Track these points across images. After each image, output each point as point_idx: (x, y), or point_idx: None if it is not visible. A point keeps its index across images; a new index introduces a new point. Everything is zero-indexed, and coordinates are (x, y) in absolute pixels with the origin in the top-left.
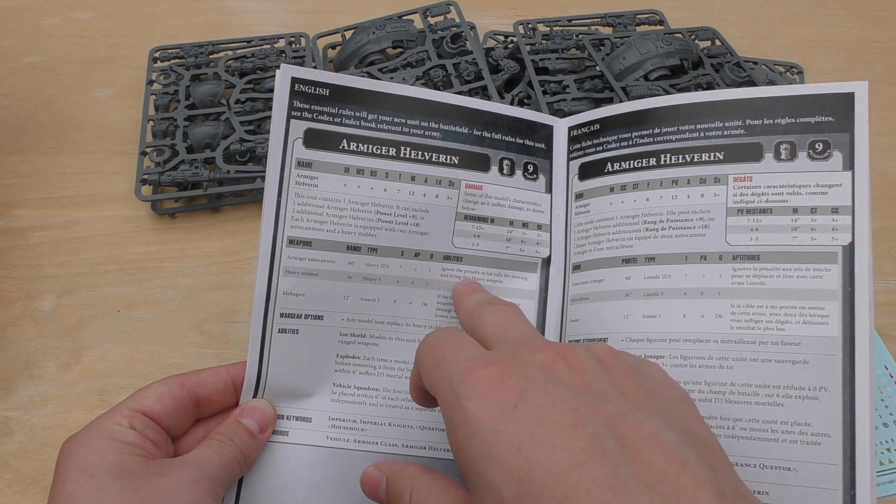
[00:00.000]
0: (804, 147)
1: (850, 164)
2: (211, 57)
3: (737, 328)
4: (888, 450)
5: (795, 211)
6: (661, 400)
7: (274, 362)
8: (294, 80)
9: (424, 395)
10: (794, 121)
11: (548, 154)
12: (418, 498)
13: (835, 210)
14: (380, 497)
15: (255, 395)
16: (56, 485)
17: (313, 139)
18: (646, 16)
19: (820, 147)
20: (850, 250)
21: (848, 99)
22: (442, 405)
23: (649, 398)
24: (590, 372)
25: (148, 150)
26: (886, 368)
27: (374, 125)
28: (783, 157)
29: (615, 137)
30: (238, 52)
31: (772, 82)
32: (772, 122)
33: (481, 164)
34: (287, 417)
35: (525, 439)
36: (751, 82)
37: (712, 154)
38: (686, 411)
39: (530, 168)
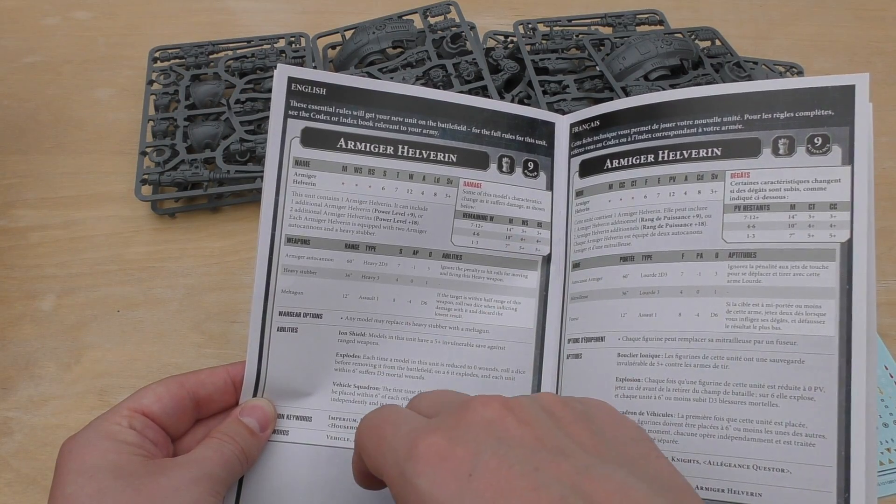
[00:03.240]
0: (803, 142)
1: (849, 159)
2: (211, 57)
3: (732, 327)
4: (888, 450)
5: (793, 207)
6: (619, 445)
7: (273, 361)
8: (291, 80)
9: (371, 479)
10: (792, 115)
11: (549, 151)
12: None
13: (833, 206)
14: None
15: (254, 395)
16: (56, 486)
17: (311, 138)
18: (646, 16)
19: (819, 141)
20: (847, 247)
21: (848, 92)
22: (391, 487)
23: (607, 446)
24: (541, 425)
25: (148, 150)
26: (886, 368)
27: (371, 124)
28: (781, 152)
29: (614, 134)
30: (238, 52)
31: None
32: (770, 116)
33: (480, 161)
34: (287, 417)
35: None
36: None
37: (710, 150)
38: (646, 451)
39: (531, 165)
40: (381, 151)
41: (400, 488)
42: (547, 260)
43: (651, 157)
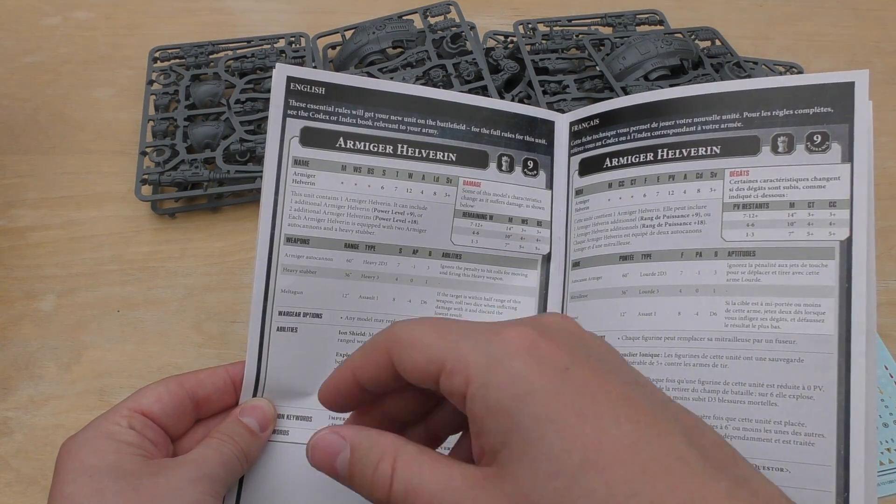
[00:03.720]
0: (802, 139)
1: (849, 157)
2: (211, 57)
3: (731, 326)
4: (888, 450)
5: (792, 205)
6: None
7: (273, 361)
8: (290, 79)
9: (357, 393)
10: (792, 112)
11: (549, 150)
12: (406, 472)
13: (832, 204)
14: (336, 469)
15: (254, 395)
16: (55, 486)
17: (310, 137)
18: (646, 16)
19: (818, 139)
20: (847, 245)
21: (848, 89)
22: (466, 372)
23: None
24: (606, 344)
25: (148, 150)
26: (886, 368)
27: (370, 123)
28: (780, 150)
29: (614, 132)
30: (238, 52)
31: None
32: (769, 114)
33: (479, 160)
34: (287, 417)
35: (586, 406)
36: None
37: (709, 148)
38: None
39: (530, 164)
40: (380, 151)
41: (485, 370)
42: (547, 259)
43: (650, 156)
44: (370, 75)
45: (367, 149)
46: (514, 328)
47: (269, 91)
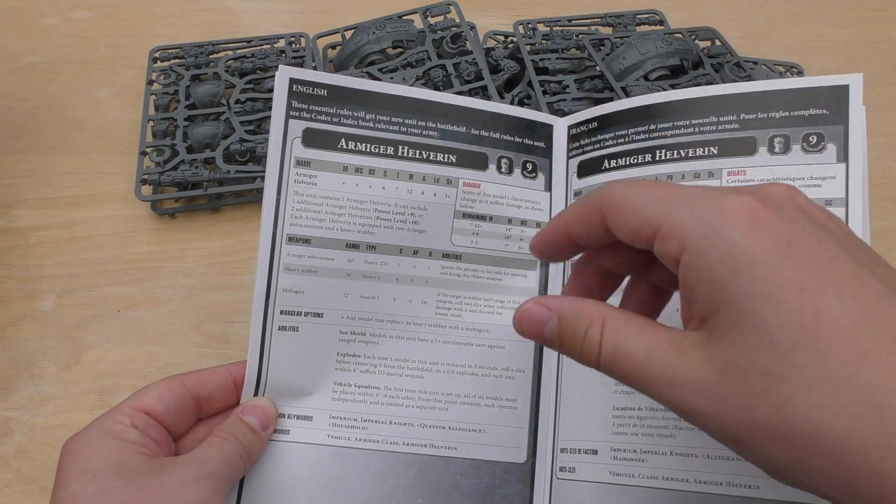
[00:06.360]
0: (798, 140)
1: (844, 157)
2: (211, 57)
3: None
4: None
5: None
6: None
7: (274, 360)
8: (292, 81)
9: (568, 247)
10: (788, 114)
11: (547, 153)
12: (614, 336)
13: (828, 202)
14: (545, 336)
15: (256, 394)
16: (59, 485)
17: (312, 138)
18: (646, 16)
19: (814, 140)
20: None
21: (842, 91)
22: (681, 239)
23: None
24: (835, 217)
25: (148, 150)
26: None
27: (371, 125)
28: (777, 150)
29: (612, 135)
30: (238, 52)
31: None
32: (766, 115)
33: (479, 162)
34: (288, 416)
35: (808, 282)
36: None
37: (706, 149)
38: None
39: (529, 167)
40: (381, 152)
41: (703, 239)
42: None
43: (649, 157)
44: (370, 75)
45: (368, 150)
46: (736, 197)
47: (269, 91)
